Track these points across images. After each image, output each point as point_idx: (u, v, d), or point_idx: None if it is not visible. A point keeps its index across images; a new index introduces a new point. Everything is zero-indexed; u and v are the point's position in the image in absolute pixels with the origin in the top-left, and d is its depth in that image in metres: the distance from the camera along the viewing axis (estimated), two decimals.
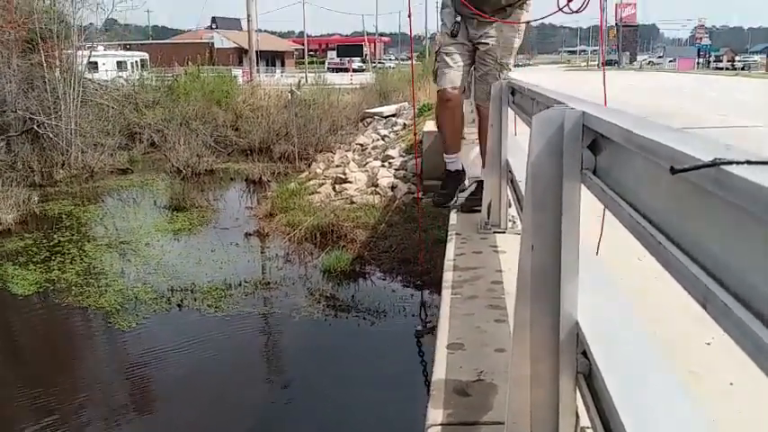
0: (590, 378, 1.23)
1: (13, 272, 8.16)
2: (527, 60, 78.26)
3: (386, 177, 10.77)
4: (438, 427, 1.82)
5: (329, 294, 7.32)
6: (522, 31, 3.92)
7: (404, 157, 11.76)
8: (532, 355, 1.32)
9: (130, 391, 5.71)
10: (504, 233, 3.50)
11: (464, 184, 4.24)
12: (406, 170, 11.03)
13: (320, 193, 10.73)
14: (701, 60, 51.81)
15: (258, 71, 31.21)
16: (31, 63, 15.38)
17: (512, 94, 3.22)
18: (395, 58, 70.62)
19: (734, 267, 0.63)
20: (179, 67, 23.67)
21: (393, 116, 17.27)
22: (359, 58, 56.27)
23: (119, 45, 27.34)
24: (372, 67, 43.86)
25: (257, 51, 30.44)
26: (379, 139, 14.52)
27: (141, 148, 16.84)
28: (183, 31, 67.20)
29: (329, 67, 51.70)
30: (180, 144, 14.98)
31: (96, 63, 22.30)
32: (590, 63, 62.66)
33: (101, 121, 16.42)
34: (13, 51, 14.74)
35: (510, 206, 3.50)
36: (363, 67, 48.60)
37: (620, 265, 2.22)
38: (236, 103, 19.99)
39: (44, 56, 15.22)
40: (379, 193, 10.16)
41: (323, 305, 7.04)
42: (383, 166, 11.60)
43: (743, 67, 45.36)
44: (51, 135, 14.61)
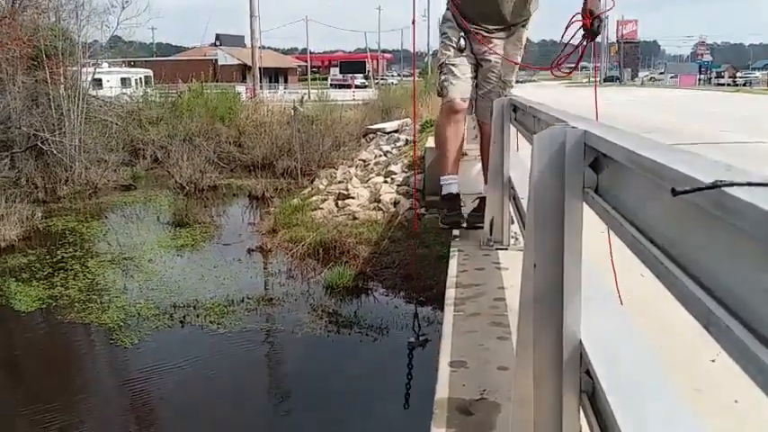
0: (593, 397, 1.22)
1: (16, 288, 8.16)
2: (529, 77, 78.43)
3: (388, 193, 10.76)
4: None
5: (332, 310, 7.30)
6: (523, 48, 3.92)
7: (406, 172, 11.75)
8: (535, 374, 1.31)
9: (132, 408, 5.69)
10: (507, 250, 3.49)
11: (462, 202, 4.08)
12: (408, 186, 11.02)
13: (323, 208, 10.72)
14: (702, 77, 51.90)
15: (261, 87, 31.36)
16: (36, 80, 15.48)
17: (513, 110, 3.23)
18: (397, 75, 70.83)
19: (737, 290, 0.63)
20: (183, 84, 23.79)
21: (395, 132, 17.29)
22: (361, 75, 56.54)
23: (123, 62, 27.51)
24: (375, 84, 44.04)
25: (261, 68, 30.63)
26: (381, 155, 14.53)
27: (145, 164, 16.91)
28: (187, 48, 67.68)
29: (332, 84, 51.90)
30: (183, 160, 15.02)
31: (101, 80, 22.45)
32: (591, 79, 62.83)
33: (104, 137, 16.50)
34: (17, 68, 14.83)
35: (512, 223, 3.50)
36: (366, 84, 48.80)
37: (622, 280, 2.21)
38: (239, 119, 20.06)
39: (49, 73, 15.32)
40: (382, 209, 10.15)
41: (325, 321, 7.03)
42: (386, 181, 11.60)
43: (744, 84, 45.41)
44: (55, 151, 14.67)
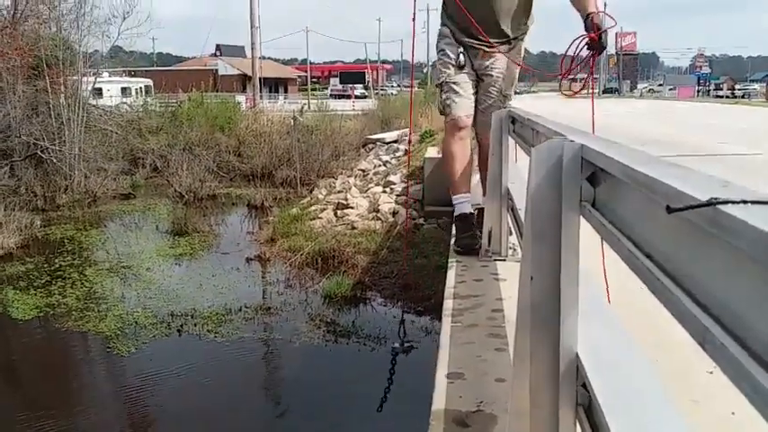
0: (590, 410, 1.22)
1: (14, 296, 8.15)
2: (528, 88, 78.68)
3: (387, 203, 10.78)
4: None
5: (330, 320, 7.29)
6: (522, 59, 3.91)
7: (405, 182, 11.78)
8: (532, 387, 1.31)
9: (129, 417, 5.67)
10: (505, 261, 3.49)
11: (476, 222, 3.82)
12: (407, 196, 11.04)
13: (322, 218, 10.73)
14: (700, 88, 52.03)
15: (261, 97, 31.43)
16: (36, 89, 15.51)
17: (512, 122, 3.24)
18: (397, 85, 71.03)
19: (732, 307, 0.63)
20: (183, 94, 23.84)
21: (395, 142, 17.33)
22: (361, 85, 56.70)
23: (123, 71, 27.57)
24: (374, 94, 44.15)
25: (261, 78, 30.71)
26: (380, 165, 14.57)
27: (144, 173, 16.93)
28: (188, 58, 67.83)
29: (332, 94, 52.03)
30: (183, 169, 15.04)
31: (101, 89, 22.49)
32: (589, 91, 63.01)
33: (104, 146, 16.53)
34: (18, 77, 14.87)
35: (510, 234, 3.50)
36: (365, 94, 48.92)
37: (619, 291, 2.21)
38: (239, 128, 20.09)
39: (49, 82, 15.36)
40: (381, 219, 10.16)
41: (323, 331, 7.02)
42: (384, 191, 11.62)
43: (743, 96, 45.50)
44: (55, 160, 14.69)
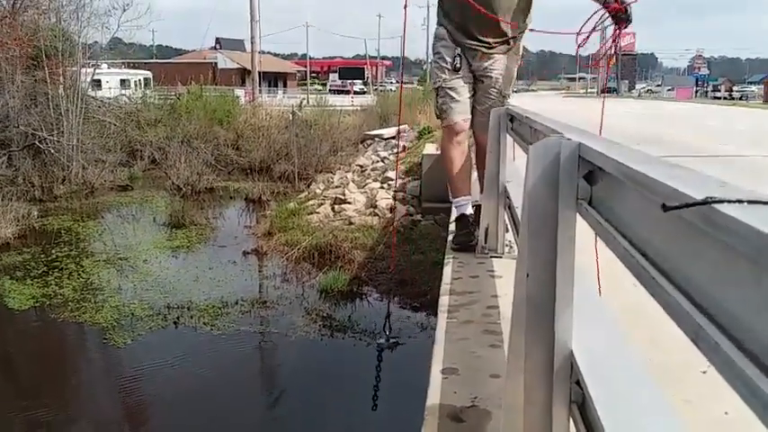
0: (583, 407, 1.23)
1: (11, 286, 8.15)
2: (527, 86, 78.73)
3: (385, 199, 10.78)
4: None
5: (326, 314, 7.30)
6: (520, 58, 3.86)
7: (403, 178, 11.78)
8: (526, 383, 1.31)
9: (123, 407, 5.68)
10: (501, 258, 3.49)
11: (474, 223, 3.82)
12: (405, 192, 11.05)
13: (319, 213, 10.74)
14: (698, 90, 52.04)
15: (260, 92, 31.36)
16: (35, 79, 15.48)
17: (510, 120, 3.24)
18: (396, 82, 70.90)
19: (725, 306, 0.63)
20: (182, 87, 23.78)
21: (393, 138, 17.32)
22: (360, 81, 56.59)
23: (123, 63, 27.49)
24: (374, 90, 44.09)
25: (260, 72, 30.64)
26: (378, 161, 14.56)
27: (142, 165, 16.92)
28: (187, 51, 67.52)
29: (331, 89, 51.95)
30: (181, 162, 15.03)
31: (100, 81, 22.44)
32: (589, 90, 63.07)
33: (102, 137, 16.50)
34: (17, 68, 14.84)
35: (507, 231, 3.50)
36: (365, 90, 48.86)
37: (614, 290, 2.22)
38: (237, 122, 20.08)
39: (48, 72, 15.32)
40: (378, 215, 10.17)
41: (319, 325, 7.03)
42: (382, 187, 11.62)
43: (740, 97, 45.54)
44: (53, 151, 14.67)
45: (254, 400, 5.84)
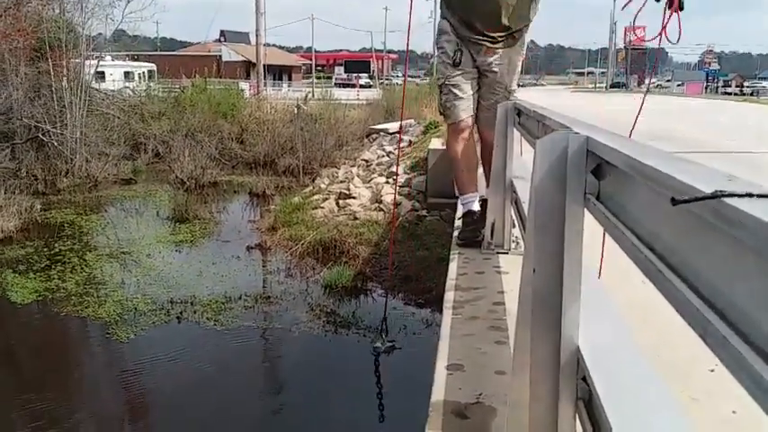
0: (590, 404, 1.22)
1: (13, 280, 8.16)
2: (535, 80, 78.62)
3: (390, 194, 10.75)
4: None
5: (330, 310, 7.30)
6: (525, 50, 3.82)
7: (409, 174, 11.76)
8: (532, 380, 1.31)
9: (126, 402, 5.69)
10: (508, 253, 3.49)
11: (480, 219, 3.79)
12: (410, 187, 11.03)
13: (324, 208, 10.72)
14: (709, 85, 51.78)
15: (265, 85, 31.35)
16: (39, 71, 15.47)
17: (518, 115, 3.23)
18: (402, 75, 70.78)
19: (734, 300, 0.62)
20: (186, 79, 23.77)
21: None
22: (366, 74, 56.52)
23: (127, 55, 27.49)
24: (379, 84, 44.02)
25: (265, 65, 30.60)
26: (384, 156, 14.53)
27: (146, 158, 16.89)
28: (192, 44, 67.44)
29: (336, 83, 51.90)
30: (184, 155, 15.01)
31: (104, 73, 22.43)
32: (597, 85, 62.89)
33: (106, 130, 16.49)
34: (20, 59, 14.83)
35: (514, 226, 3.49)
36: (370, 83, 48.78)
37: (623, 286, 2.21)
38: (242, 116, 20.05)
39: (52, 64, 15.29)
40: (383, 210, 10.15)
41: (323, 321, 7.03)
42: (387, 182, 11.60)
43: (751, 93, 45.31)
44: (56, 143, 14.67)
45: (257, 395, 5.85)
